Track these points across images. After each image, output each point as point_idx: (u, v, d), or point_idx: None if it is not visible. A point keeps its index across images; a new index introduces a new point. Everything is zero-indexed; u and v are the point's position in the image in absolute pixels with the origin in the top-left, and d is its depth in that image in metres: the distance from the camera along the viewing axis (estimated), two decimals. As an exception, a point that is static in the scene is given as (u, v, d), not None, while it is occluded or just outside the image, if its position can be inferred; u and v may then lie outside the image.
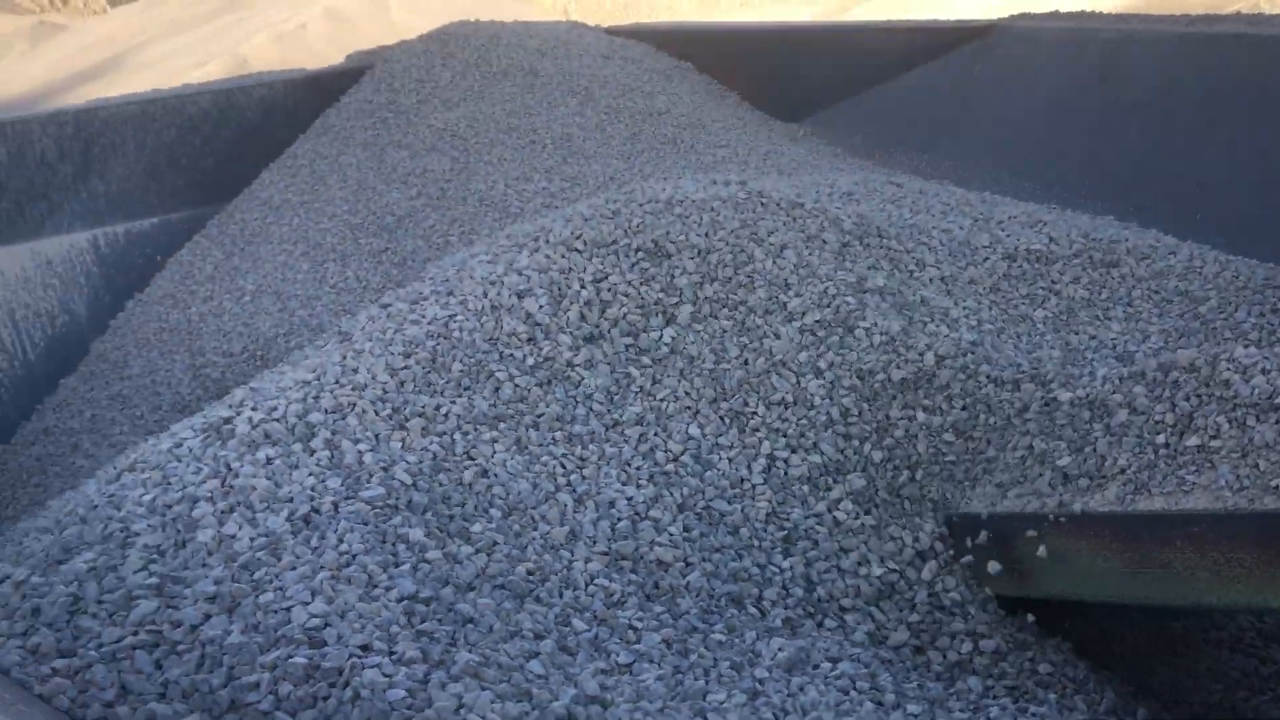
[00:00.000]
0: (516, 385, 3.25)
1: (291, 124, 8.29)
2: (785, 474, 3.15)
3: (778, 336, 3.48)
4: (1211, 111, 5.42)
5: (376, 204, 6.97)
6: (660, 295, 3.60)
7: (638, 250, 3.71)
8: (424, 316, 3.48)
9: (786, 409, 3.31)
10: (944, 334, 3.53)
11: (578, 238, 3.75)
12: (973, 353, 3.45)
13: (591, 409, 3.26)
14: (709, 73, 8.96)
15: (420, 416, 3.01)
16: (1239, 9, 19.31)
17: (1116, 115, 5.98)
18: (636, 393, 3.34)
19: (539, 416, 3.17)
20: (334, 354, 3.36)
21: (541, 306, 3.49)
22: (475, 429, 3.04)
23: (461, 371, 3.23)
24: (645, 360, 3.43)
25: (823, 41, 8.40)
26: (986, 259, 4.12)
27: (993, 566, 2.93)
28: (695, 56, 9.05)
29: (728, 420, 3.28)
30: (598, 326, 3.50)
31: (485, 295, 3.53)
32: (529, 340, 3.40)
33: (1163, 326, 3.73)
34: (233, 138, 8.09)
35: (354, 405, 2.99)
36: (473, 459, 2.94)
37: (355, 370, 3.18)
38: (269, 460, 2.75)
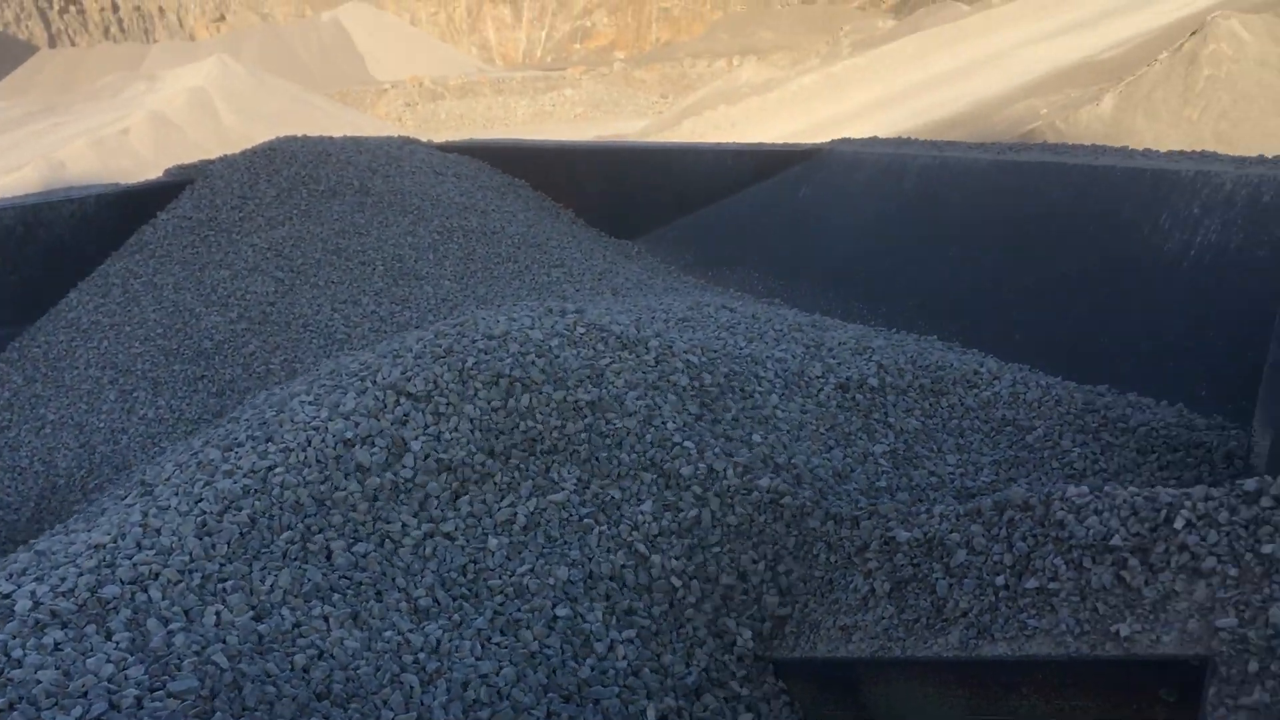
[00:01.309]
0: (353, 551, 3.02)
1: (103, 240, 7.90)
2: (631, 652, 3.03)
3: (623, 503, 3.38)
4: (1023, 236, 5.70)
5: (193, 327, 6.63)
6: (503, 449, 3.45)
7: (475, 395, 3.57)
8: (239, 467, 3.22)
9: (637, 577, 3.21)
10: (783, 471, 3.50)
11: (408, 379, 3.57)
12: (813, 488, 3.43)
13: (442, 577, 3.05)
14: (543, 190, 9.00)
15: (241, 590, 2.75)
16: (1039, 123, 20.77)
17: (935, 238, 6.23)
18: (492, 561, 3.13)
19: (380, 587, 2.95)
20: (134, 511, 3.07)
21: (374, 458, 3.29)
22: (306, 602, 2.79)
23: (287, 536, 2.98)
24: (492, 524, 3.25)
25: (656, 162, 8.56)
26: (821, 389, 4.14)
27: (836, 715, 2.87)
28: (529, 173, 9.08)
29: (588, 589, 3.12)
30: (440, 482, 3.31)
31: (309, 444, 3.31)
32: (365, 499, 3.18)
33: (994, 458, 3.81)
34: (39, 255, 7.64)
35: (158, 575, 2.70)
36: (304, 636, 2.68)
37: (159, 532, 2.90)
38: (57, 646, 2.42)
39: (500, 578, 3.08)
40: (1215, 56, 22.86)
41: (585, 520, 3.27)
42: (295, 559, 2.93)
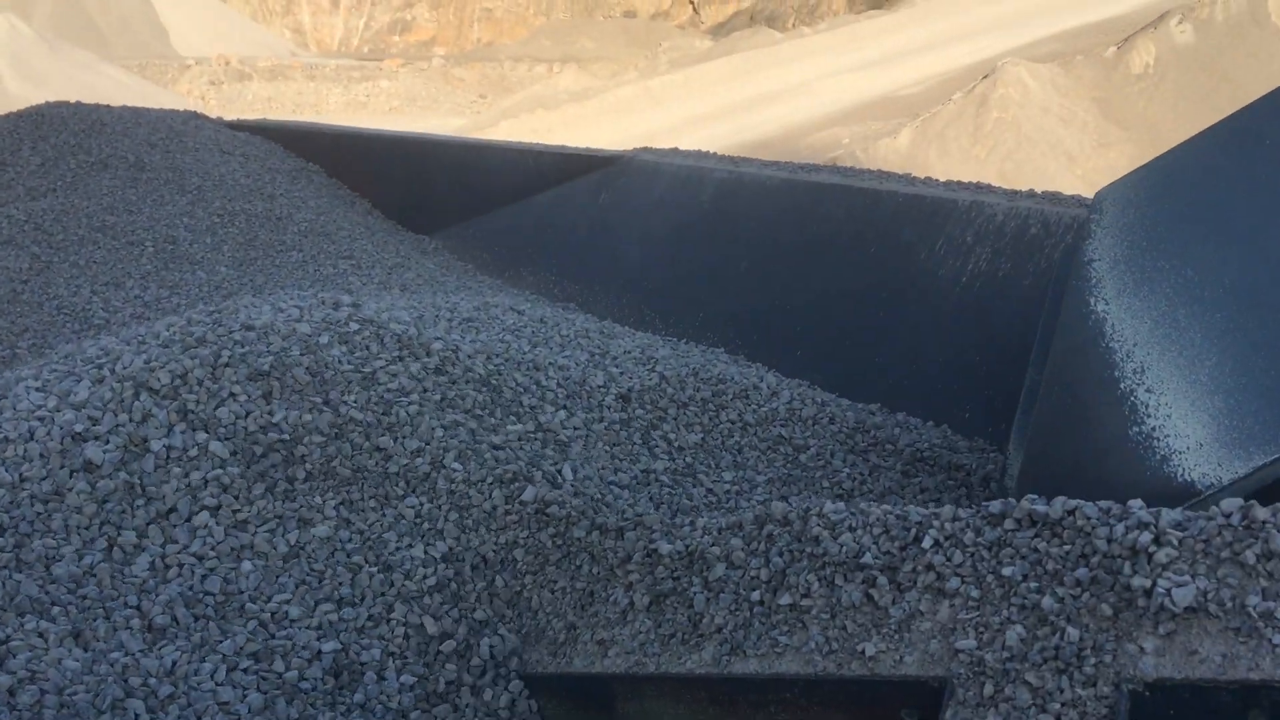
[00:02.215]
0: (80, 560, 2.70)
1: None
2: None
3: (387, 505, 3.19)
4: (809, 254, 5.81)
5: (-68, 303, 6.02)
6: (258, 459, 3.17)
7: (228, 395, 3.28)
8: (-54, 458, 2.88)
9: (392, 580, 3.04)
10: (553, 482, 3.40)
11: (151, 371, 3.25)
12: (583, 499, 3.34)
13: (184, 591, 2.75)
14: (339, 177, 8.65)
15: None
16: (841, 151, 21.56)
17: (728, 252, 6.29)
18: (245, 584, 2.84)
19: (108, 601, 2.64)
20: None
21: (108, 456, 2.97)
22: (18, 618, 2.47)
23: None
24: (247, 546, 2.96)
25: (457, 157, 8.36)
26: (602, 399, 4.06)
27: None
28: (325, 159, 8.71)
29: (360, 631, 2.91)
30: (183, 489, 3.00)
31: (31, 435, 2.97)
32: (94, 500, 2.86)
33: (769, 475, 3.82)
34: None
35: None
36: (14, 655, 2.36)
37: None
38: None
39: (256, 602, 2.83)
40: (1003, 100, 24.32)
41: (354, 559, 3.04)
42: (7, 566, 2.61)
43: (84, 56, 38.12)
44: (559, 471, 3.44)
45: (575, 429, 3.82)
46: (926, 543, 2.49)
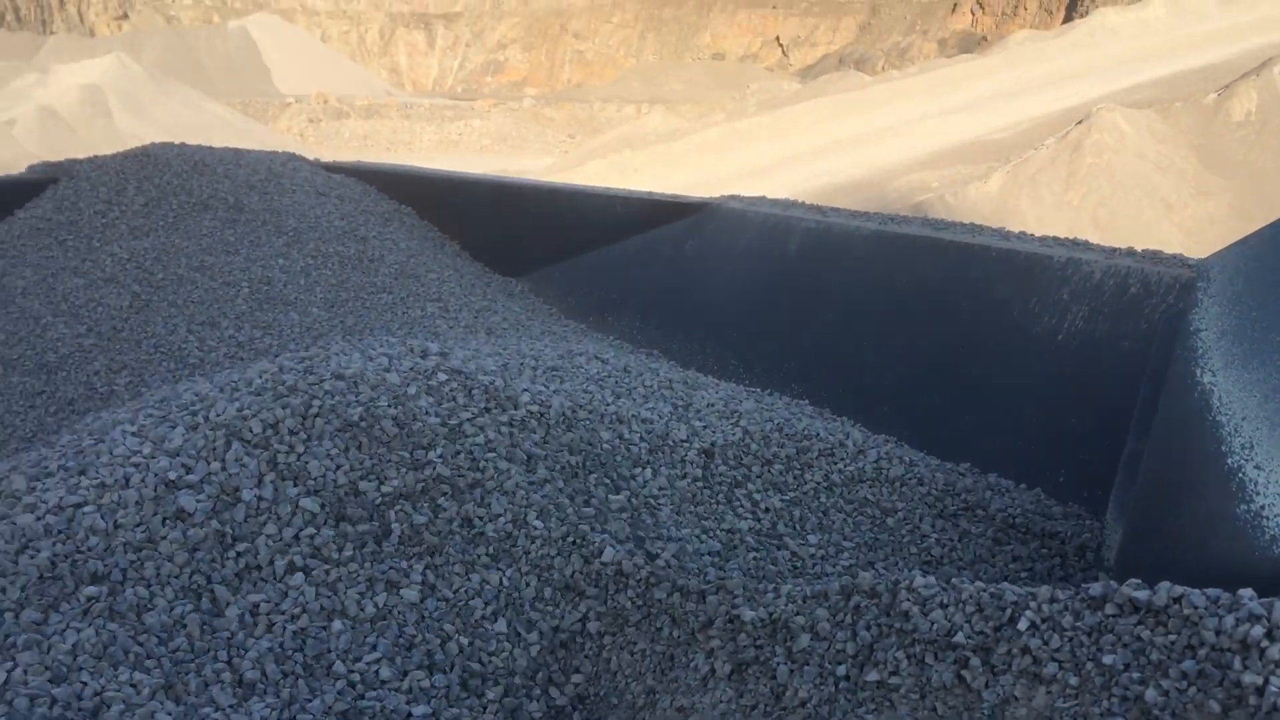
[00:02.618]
0: (172, 613, 2.72)
1: (-47, 236, 7.41)
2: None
3: (473, 571, 3.18)
4: (898, 307, 5.71)
5: (38, 337, 6.21)
6: (343, 509, 3.19)
7: (318, 447, 3.31)
8: (43, 501, 2.93)
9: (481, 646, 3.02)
10: (637, 543, 3.36)
11: (245, 420, 3.30)
12: (665, 559, 3.30)
13: (276, 644, 2.76)
14: (430, 219, 8.77)
15: (34, 647, 2.45)
16: (930, 196, 21.34)
17: (813, 302, 6.22)
18: (336, 644, 2.83)
19: (204, 654, 2.65)
20: (-83, 544, 2.77)
21: (200, 505, 3.01)
22: (113, 669, 2.49)
23: (93, 589, 2.67)
24: (336, 606, 2.95)
25: (546, 201, 8.43)
26: (684, 455, 4.01)
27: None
28: (418, 201, 8.84)
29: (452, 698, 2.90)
30: (275, 544, 3.00)
31: (127, 482, 3.02)
32: (185, 549, 2.88)
33: (856, 540, 3.73)
34: (-121, 246, 7.13)
35: None
36: (106, 704, 2.37)
37: (-57, 568, 2.62)
38: None
39: (346, 663, 2.83)
40: (1098, 146, 23.86)
41: (443, 626, 3.03)
42: (101, 615, 2.64)
43: (190, 94, 39.57)
44: (640, 532, 3.41)
45: (660, 488, 3.78)
46: (1022, 624, 2.40)
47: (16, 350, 6.18)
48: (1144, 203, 22.06)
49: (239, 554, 2.91)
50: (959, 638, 2.47)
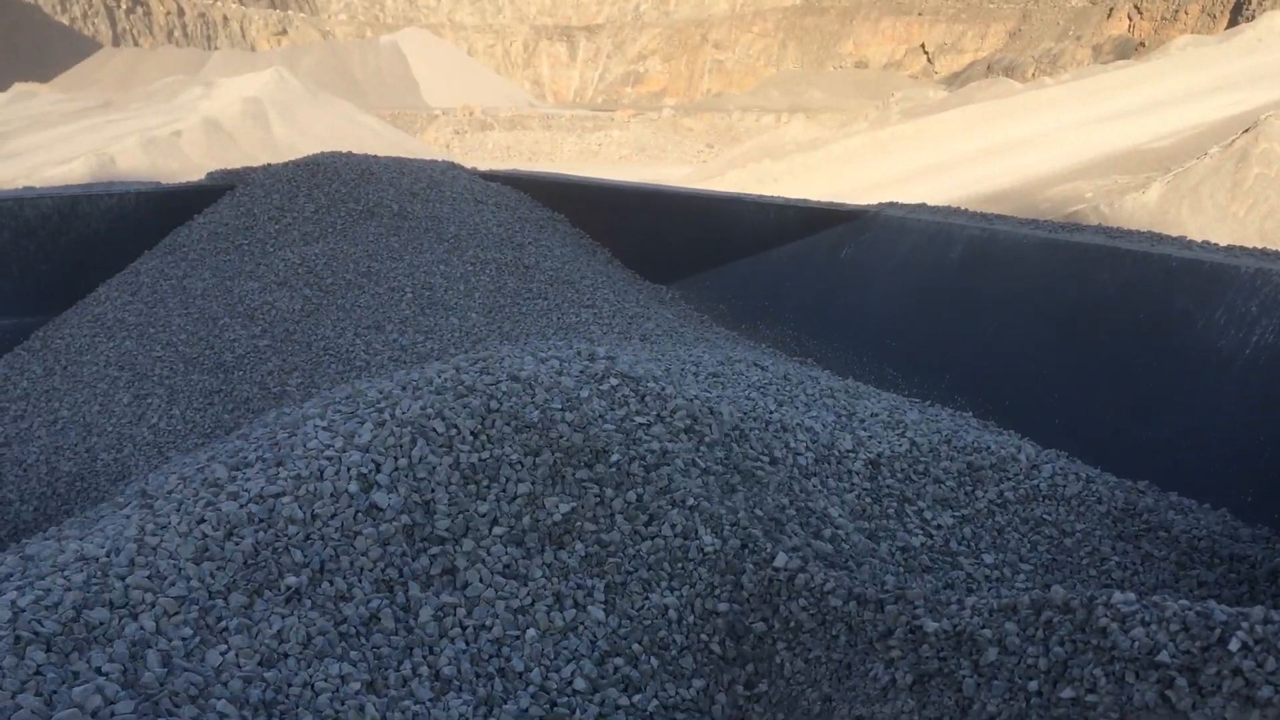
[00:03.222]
0: (369, 605, 2.79)
1: (139, 239, 7.86)
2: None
3: (651, 591, 3.20)
4: (1070, 318, 5.53)
5: (216, 337, 6.53)
6: (527, 525, 3.24)
7: (499, 439, 3.38)
8: (245, 490, 3.06)
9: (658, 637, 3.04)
10: (803, 542, 3.33)
11: (428, 417, 3.40)
12: (838, 566, 3.26)
13: (471, 645, 2.81)
14: (582, 226, 8.90)
15: (244, 631, 2.55)
16: (1084, 206, 20.64)
17: (977, 312, 6.07)
18: (529, 651, 2.87)
19: (402, 650, 2.71)
20: (130, 524, 2.93)
21: (391, 501, 3.10)
22: (319, 660, 2.56)
23: (294, 579, 2.76)
24: (526, 615, 3.00)
25: (697, 208, 8.45)
26: (850, 466, 3.96)
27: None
28: (570, 209, 8.99)
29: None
30: (464, 548, 3.07)
31: (321, 475, 3.13)
32: (378, 543, 2.96)
33: (1032, 561, 3.62)
34: (73, 246, 7.60)
35: (152, 603, 2.53)
36: (316, 693, 2.45)
37: (155, 551, 2.76)
38: (39, 669, 2.23)
39: (536, 670, 2.88)
40: (1266, 155, 22.69)
41: (631, 646, 3.06)
42: (304, 604, 2.73)
43: (344, 106, 41.11)
44: (811, 541, 3.37)
45: (827, 497, 3.74)
46: (1234, 645, 2.28)
47: (196, 349, 6.51)
48: (1316, 214, 20.87)
49: (432, 557, 2.98)
50: (1163, 656, 2.36)
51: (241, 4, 60.97)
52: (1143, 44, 49.28)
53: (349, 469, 3.12)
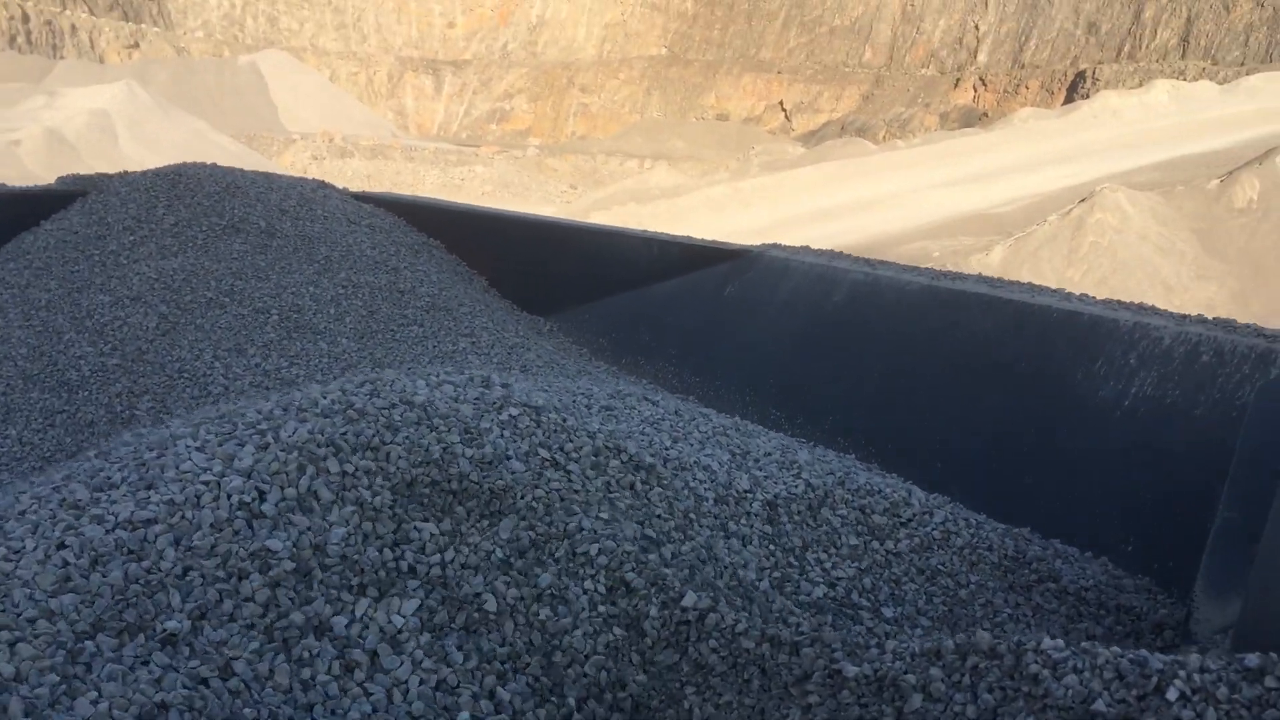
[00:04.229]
0: (254, 667, 2.43)
1: (-24, 245, 7.27)
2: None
3: (565, 603, 3.00)
4: (951, 365, 5.59)
5: (61, 354, 6.04)
6: (427, 533, 3.01)
7: (395, 473, 3.12)
8: (112, 514, 2.74)
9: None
10: (719, 590, 3.19)
11: (320, 445, 3.12)
12: (746, 608, 3.13)
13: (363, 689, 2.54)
14: (458, 254, 8.66)
15: (118, 679, 2.20)
16: (931, 265, 21.38)
17: (860, 355, 6.10)
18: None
19: (303, 709, 2.40)
20: (-25, 551, 2.58)
21: (283, 540, 2.75)
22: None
23: (174, 623, 2.42)
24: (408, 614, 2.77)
25: (580, 240, 8.33)
26: (749, 509, 3.86)
27: None
28: (446, 235, 8.74)
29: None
30: (366, 569, 2.80)
31: (199, 501, 2.82)
32: (267, 585, 2.61)
33: (931, 615, 3.56)
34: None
35: (12, 645, 2.19)
36: None
37: (7, 577, 2.42)
38: None
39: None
40: (1100, 225, 24.04)
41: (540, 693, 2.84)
42: (183, 651, 2.41)
43: (197, 124, 39.67)
44: (719, 583, 3.24)
45: (727, 540, 3.63)
46: (1172, 694, 2.25)
47: (37, 365, 6.01)
48: (1145, 284, 22.15)
49: (330, 603, 2.69)
50: (1099, 705, 2.31)
51: (92, 14, 58.32)
52: (986, 114, 51.90)
53: (229, 496, 2.82)
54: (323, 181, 9.09)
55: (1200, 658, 2.31)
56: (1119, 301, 5.37)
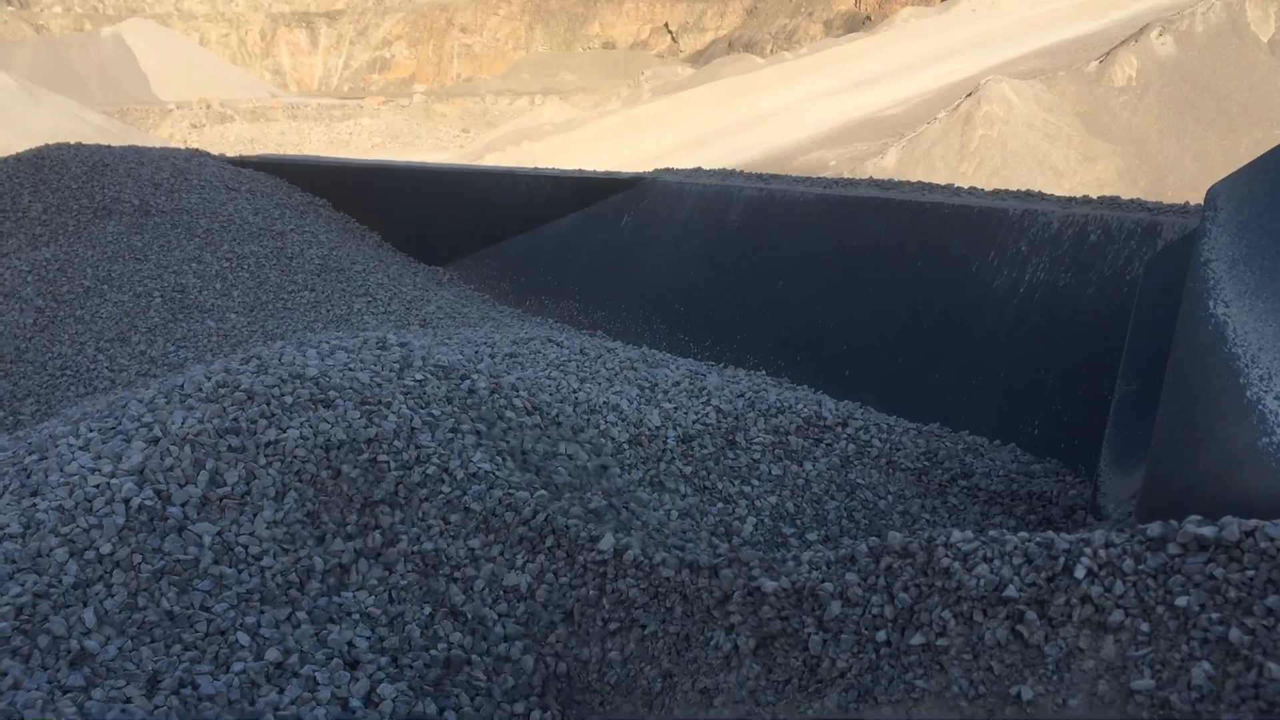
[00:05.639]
0: (192, 679, 2.33)
1: None
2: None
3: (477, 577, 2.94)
4: (851, 270, 5.61)
5: (-67, 358, 5.74)
6: (327, 517, 2.92)
7: (291, 455, 3.01)
8: (-3, 525, 2.60)
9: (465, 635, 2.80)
10: (630, 526, 3.17)
11: (210, 435, 2.99)
12: (659, 534, 3.12)
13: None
14: (347, 211, 8.42)
15: (33, 707, 2.10)
16: (828, 174, 21.50)
17: (762, 271, 6.09)
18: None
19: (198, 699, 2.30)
20: None
21: (194, 544, 2.65)
22: None
23: (75, 645, 2.32)
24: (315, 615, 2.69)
25: (470, 185, 8.15)
26: (665, 446, 3.83)
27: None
28: (332, 193, 8.48)
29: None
30: (275, 569, 2.71)
31: (89, 505, 2.66)
32: (178, 588, 2.53)
33: (853, 533, 3.57)
34: None
35: None
36: None
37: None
38: None
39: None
40: (988, 117, 24.35)
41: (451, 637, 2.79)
42: (63, 659, 2.29)
43: (65, 104, 37.91)
44: (635, 521, 3.22)
45: (646, 481, 3.60)
46: (1079, 572, 2.28)
47: (-92, 372, 5.71)
48: (1035, 171, 22.55)
49: (261, 615, 2.59)
50: (1010, 591, 2.34)
51: (-66, -4, 55.18)
52: (869, 18, 52.01)
53: (119, 495, 2.69)
54: (196, 150, 8.74)
55: (1105, 533, 2.35)
56: (1008, 191, 5.42)
